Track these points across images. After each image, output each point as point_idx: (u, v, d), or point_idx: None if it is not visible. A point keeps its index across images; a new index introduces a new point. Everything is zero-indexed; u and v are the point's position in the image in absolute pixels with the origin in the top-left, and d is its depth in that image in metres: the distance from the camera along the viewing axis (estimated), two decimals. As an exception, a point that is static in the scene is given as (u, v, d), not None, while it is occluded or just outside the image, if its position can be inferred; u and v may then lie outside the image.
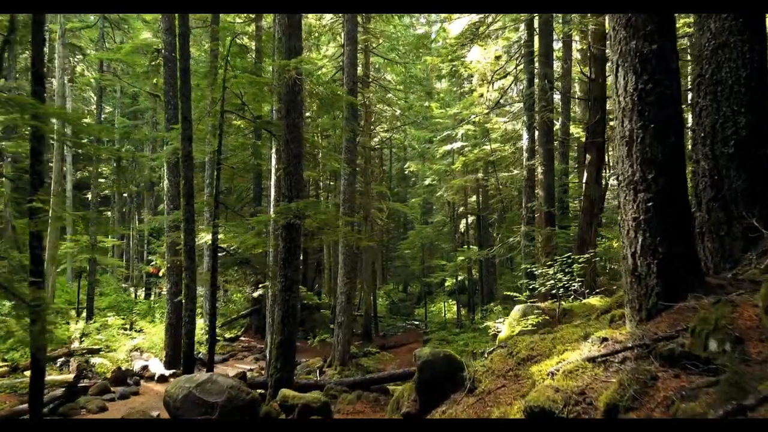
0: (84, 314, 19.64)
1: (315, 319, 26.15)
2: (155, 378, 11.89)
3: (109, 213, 32.40)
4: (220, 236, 10.76)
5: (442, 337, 19.55)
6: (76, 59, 24.35)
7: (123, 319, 20.75)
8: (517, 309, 9.66)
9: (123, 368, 12.43)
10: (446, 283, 30.19)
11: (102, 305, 24.40)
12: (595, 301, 9.48)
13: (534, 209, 13.36)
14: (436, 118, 25.25)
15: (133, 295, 27.09)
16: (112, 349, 13.88)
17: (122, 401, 10.18)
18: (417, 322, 28.22)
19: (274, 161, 12.33)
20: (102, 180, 35.70)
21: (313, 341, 15.99)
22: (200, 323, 17.30)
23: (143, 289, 27.43)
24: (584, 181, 13.39)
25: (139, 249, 31.96)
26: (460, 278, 26.58)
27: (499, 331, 11.70)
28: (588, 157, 13.26)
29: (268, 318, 12.17)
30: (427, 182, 26.84)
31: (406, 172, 38.33)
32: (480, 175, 23.27)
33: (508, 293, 20.55)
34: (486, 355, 6.09)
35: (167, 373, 12.17)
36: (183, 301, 9.78)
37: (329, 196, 26.87)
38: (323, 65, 20.71)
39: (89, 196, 33.06)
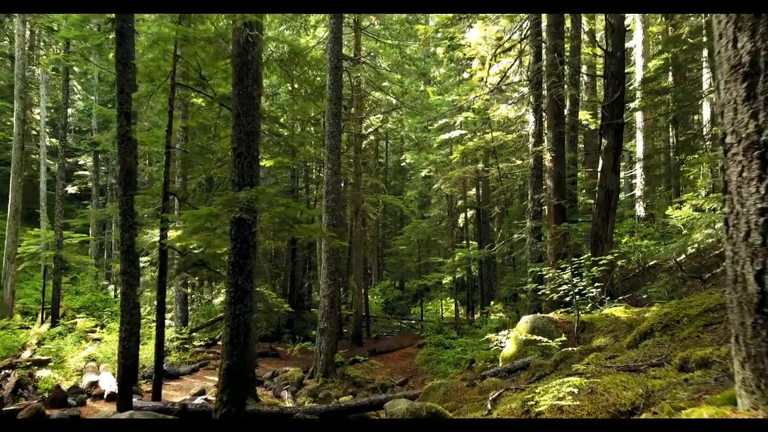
0: (47, 317, 18.05)
1: (304, 320, 24.57)
2: (104, 396, 10.29)
3: (89, 207, 30.73)
4: (174, 234, 9.12)
5: (438, 341, 17.95)
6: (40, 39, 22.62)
7: (95, 320, 19.17)
8: (525, 321, 8.04)
9: (64, 386, 10.80)
10: (444, 281, 28.61)
11: (76, 305, 22.81)
12: (618, 312, 7.84)
13: (542, 202, 11.72)
14: (433, 105, 23.57)
15: (112, 294, 25.48)
16: (63, 360, 12.27)
17: (58, 428, 8.59)
18: (413, 322, 26.66)
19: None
20: (84, 172, 34.13)
21: (293, 348, 14.43)
22: (170, 332, 15.72)
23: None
24: (599, 169, 11.74)
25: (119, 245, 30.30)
26: (458, 275, 24.96)
27: (502, 345, 10.08)
28: (604, 141, 11.60)
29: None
30: (423, 174, 25.15)
31: (403, 164, 36.69)
32: (480, 165, 21.61)
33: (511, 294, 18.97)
34: (489, 404, 4.45)
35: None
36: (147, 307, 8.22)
37: (317, 188, 25.18)
38: (312, 47, 18.98)
39: (68, 189, 31.60)
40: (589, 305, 8.66)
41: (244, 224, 6.18)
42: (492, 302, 26.86)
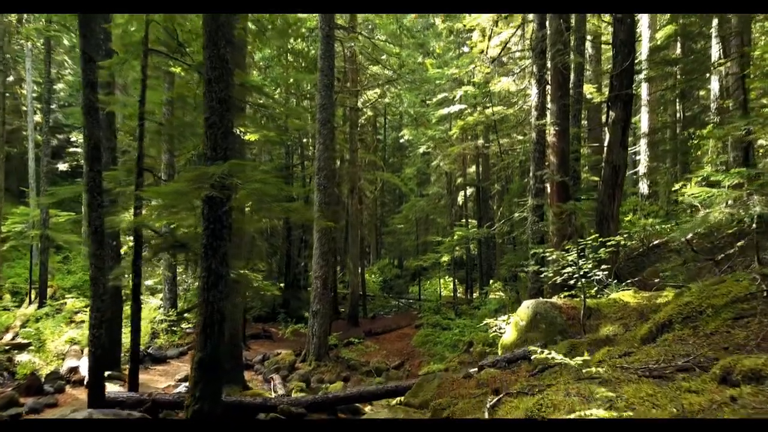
0: (36, 298, 17.57)
1: (300, 299, 24.06)
2: (84, 383, 9.81)
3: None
4: (150, 213, 8.52)
5: (435, 321, 17.50)
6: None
7: (85, 300, 18.67)
8: (527, 306, 7.49)
9: (44, 371, 10.34)
10: (443, 259, 28.07)
11: (67, 284, 22.34)
12: (627, 296, 7.29)
13: (544, 179, 11.09)
14: (432, 79, 22.71)
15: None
16: (44, 343, 11.79)
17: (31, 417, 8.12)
18: (411, 301, 26.25)
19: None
20: (76, 149, 33.31)
21: (285, 331, 13.96)
22: (158, 313, 15.22)
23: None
24: (606, 143, 11.09)
25: (112, 223, 29.70)
26: (457, 254, 24.41)
27: (501, 331, 9.57)
28: (611, 114, 10.93)
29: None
30: (421, 150, 24.42)
31: (402, 141, 35.86)
32: (480, 141, 20.90)
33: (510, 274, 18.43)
34: (487, 412, 3.91)
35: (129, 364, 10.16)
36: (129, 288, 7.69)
37: (312, 165, 24.47)
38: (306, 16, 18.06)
39: (60, 166, 30.89)
40: (595, 289, 8.11)
41: (217, 202, 5.58)
42: (491, 281, 26.41)
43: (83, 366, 10.31)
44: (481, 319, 15.17)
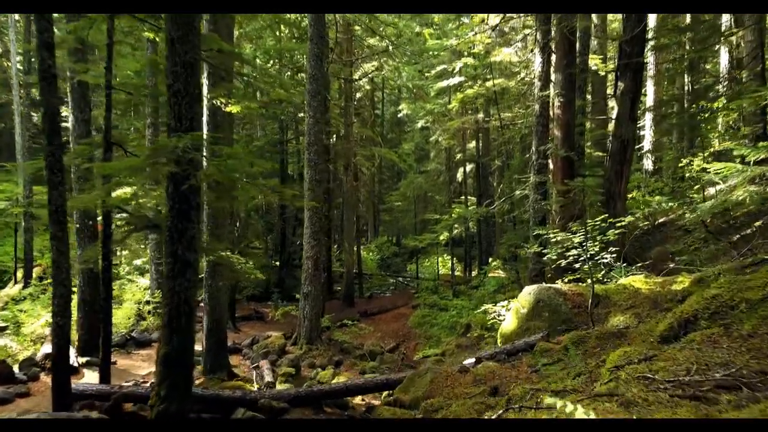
0: (19, 278, 17.04)
1: (296, 278, 23.51)
2: (60, 370, 9.31)
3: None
4: (122, 191, 7.90)
5: (433, 302, 17.02)
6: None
7: (75, 279, 18.17)
8: (528, 292, 6.91)
9: (20, 356, 9.83)
10: (441, 237, 27.45)
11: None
12: (638, 282, 6.70)
13: (548, 153, 10.42)
14: (431, 50, 21.81)
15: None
16: (21, 327, 11.26)
17: (-1, 408, 7.61)
18: (408, 279, 25.80)
19: (206, 89, 9.31)
20: (66, 124, 32.49)
21: (275, 313, 13.46)
22: (144, 294, 14.65)
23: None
24: (614, 116, 10.39)
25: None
26: (456, 231, 23.81)
27: (501, 318, 9.02)
28: (620, 84, 10.20)
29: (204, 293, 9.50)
30: (419, 125, 23.62)
31: (400, 116, 34.99)
32: (480, 115, 20.10)
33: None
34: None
35: (79, 362, 9.62)
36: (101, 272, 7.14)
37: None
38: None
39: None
40: (602, 273, 7.53)
41: (182, 180, 4.94)
42: (490, 259, 25.90)
43: (60, 352, 9.79)
44: (479, 300, 14.68)
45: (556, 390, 3.69)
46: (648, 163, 20.34)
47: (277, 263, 24.35)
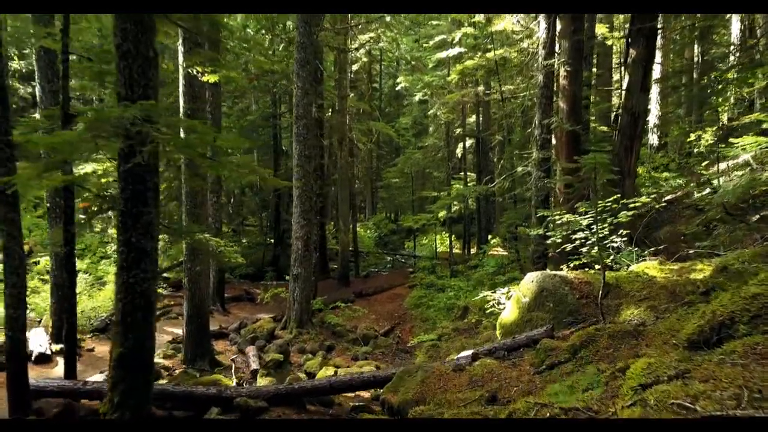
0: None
1: (290, 256, 23.06)
2: (32, 358, 8.79)
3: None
4: (84, 169, 7.23)
5: (430, 282, 16.48)
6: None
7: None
8: (531, 280, 6.30)
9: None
10: (440, 214, 26.80)
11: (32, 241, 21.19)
12: (652, 269, 6.08)
13: (552, 128, 9.71)
14: (430, 19, 20.83)
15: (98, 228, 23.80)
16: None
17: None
18: (406, 257, 25.28)
19: (181, 56, 8.56)
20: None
21: (264, 296, 12.92)
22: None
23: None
24: (625, 86, 9.66)
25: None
26: (455, 208, 23.17)
27: (501, 306, 8.44)
28: (632, 52, 9.44)
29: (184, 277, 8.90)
30: (417, 98, 22.76)
31: (398, 89, 34.01)
32: (480, 88, 19.24)
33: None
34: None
35: (52, 349, 9.09)
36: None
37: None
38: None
39: (37, 116, 29.16)
40: (611, 258, 6.92)
41: (130, 157, 4.28)
42: (490, 236, 25.32)
43: (33, 339, 9.26)
44: (477, 281, 14.14)
45: (567, 408, 3.10)
46: (653, 138, 19.60)
47: (272, 240, 23.77)
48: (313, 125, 12.17)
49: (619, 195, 5.82)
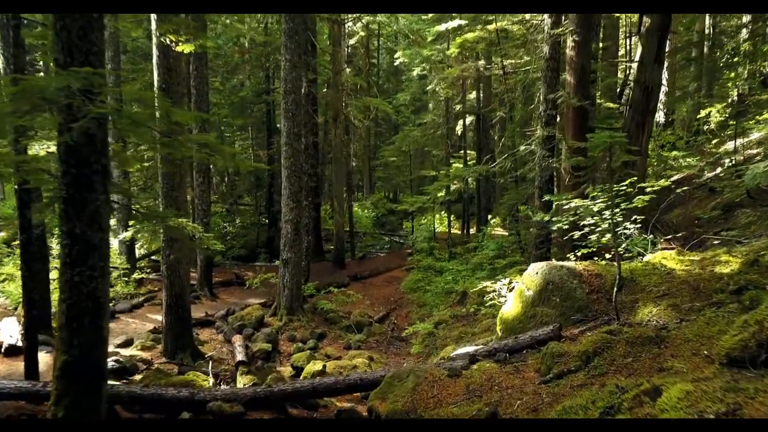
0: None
1: (285, 237, 22.51)
2: (2, 350, 8.26)
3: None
4: (51, 148, 6.62)
5: (428, 264, 15.95)
6: None
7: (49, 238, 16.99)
8: (535, 272, 5.71)
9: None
10: (439, 194, 26.11)
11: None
12: (669, 260, 5.49)
13: (558, 103, 9.02)
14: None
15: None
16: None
17: None
18: (403, 238, 24.73)
19: (153, 23, 7.82)
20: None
21: (252, 281, 12.37)
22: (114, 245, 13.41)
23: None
24: (637, 58, 8.94)
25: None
26: (454, 188, 22.49)
27: (501, 298, 7.87)
28: (645, 21, 8.70)
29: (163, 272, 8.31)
30: (416, 72, 21.89)
31: (396, 64, 33.05)
32: (481, 62, 18.40)
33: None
34: None
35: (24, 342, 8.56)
36: None
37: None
38: None
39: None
40: (623, 246, 6.32)
41: (78, 134, 3.65)
42: (489, 216, 24.71)
43: (4, 329, 8.74)
44: (477, 265, 13.59)
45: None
46: (660, 116, 18.84)
47: (267, 221, 23.17)
48: (303, 101, 11.47)
49: (636, 177, 5.18)
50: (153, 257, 16.70)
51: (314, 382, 5.25)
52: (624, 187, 5.20)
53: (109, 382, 6.79)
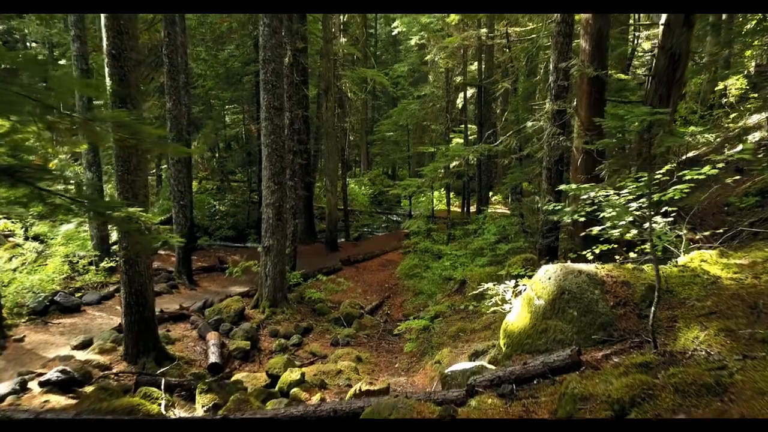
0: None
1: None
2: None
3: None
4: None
5: (425, 247, 15.00)
6: None
7: (15, 223, 16.04)
8: (548, 276, 4.73)
9: None
10: (438, 175, 24.94)
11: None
12: (710, 263, 4.51)
13: (572, 72, 7.91)
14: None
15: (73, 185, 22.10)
16: None
17: None
18: (402, 216, 23.77)
19: None
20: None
21: (233, 270, 11.42)
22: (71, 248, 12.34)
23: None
24: (662, 21, 7.80)
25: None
26: (453, 165, 21.42)
27: (506, 304, 6.90)
28: (675, -24, 7.52)
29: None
30: (413, 41, 20.61)
31: (395, 33, 31.57)
32: (483, 30, 17.13)
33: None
34: None
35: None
36: None
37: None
38: None
39: None
40: (648, 244, 5.33)
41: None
42: (491, 193, 23.71)
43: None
44: (477, 251, 12.63)
45: None
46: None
47: (257, 198, 22.17)
48: (288, 71, 10.34)
49: (675, 165, 4.16)
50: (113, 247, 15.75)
51: (277, 414, 4.32)
52: (660, 175, 4.19)
53: (54, 397, 5.88)
